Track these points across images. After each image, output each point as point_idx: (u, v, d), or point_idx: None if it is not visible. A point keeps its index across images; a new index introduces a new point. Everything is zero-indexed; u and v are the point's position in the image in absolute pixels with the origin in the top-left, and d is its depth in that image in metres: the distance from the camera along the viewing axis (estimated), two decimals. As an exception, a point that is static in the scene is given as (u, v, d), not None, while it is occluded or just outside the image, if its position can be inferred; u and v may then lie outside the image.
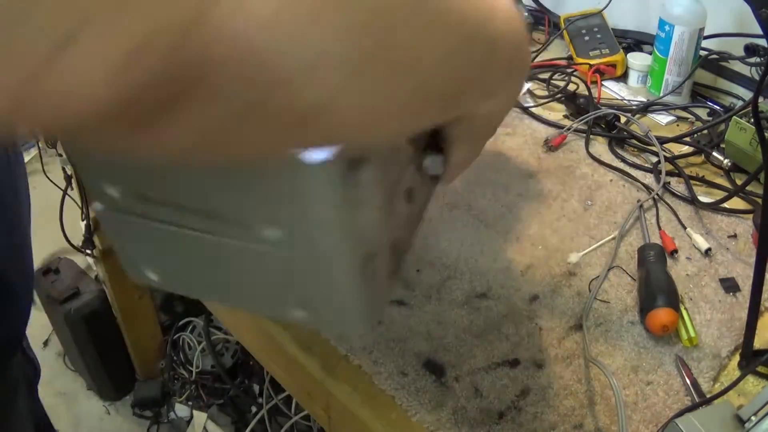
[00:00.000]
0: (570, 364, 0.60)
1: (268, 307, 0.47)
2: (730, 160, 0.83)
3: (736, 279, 0.68)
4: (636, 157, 0.88)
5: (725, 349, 0.60)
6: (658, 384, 0.58)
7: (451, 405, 0.56)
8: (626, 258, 0.71)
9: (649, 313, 0.61)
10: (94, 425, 1.62)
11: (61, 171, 1.24)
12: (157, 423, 1.59)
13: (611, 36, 1.08)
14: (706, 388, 0.57)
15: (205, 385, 1.55)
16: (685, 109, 0.97)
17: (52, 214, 1.26)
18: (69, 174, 1.23)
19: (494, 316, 0.64)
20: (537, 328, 0.63)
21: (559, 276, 0.69)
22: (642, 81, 1.04)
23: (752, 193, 0.79)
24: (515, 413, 0.55)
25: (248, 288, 0.44)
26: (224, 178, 0.37)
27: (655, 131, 0.89)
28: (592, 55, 1.05)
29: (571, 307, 0.65)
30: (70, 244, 1.28)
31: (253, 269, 0.42)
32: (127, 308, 1.52)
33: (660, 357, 0.60)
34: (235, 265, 0.42)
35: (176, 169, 0.37)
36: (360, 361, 0.60)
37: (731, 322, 0.63)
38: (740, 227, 0.74)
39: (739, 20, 0.96)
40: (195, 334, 1.62)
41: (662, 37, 0.96)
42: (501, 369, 0.59)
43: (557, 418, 0.55)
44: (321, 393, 0.64)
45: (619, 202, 0.79)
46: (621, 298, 0.66)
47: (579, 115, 0.93)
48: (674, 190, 0.80)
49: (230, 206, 0.38)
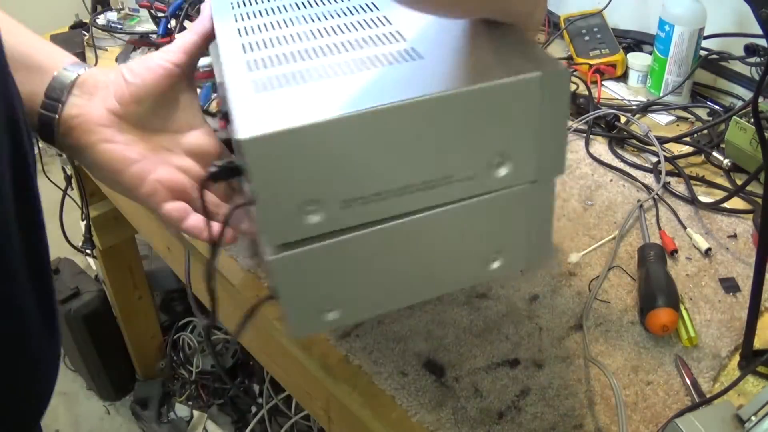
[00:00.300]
0: (570, 364, 0.60)
1: (466, 276, 0.48)
2: (730, 160, 0.83)
3: (736, 279, 0.68)
4: (636, 157, 0.88)
5: (725, 349, 0.60)
6: (658, 384, 0.58)
7: (451, 405, 0.56)
8: (626, 258, 0.71)
9: (649, 313, 0.61)
10: (94, 425, 1.63)
11: (61, 171, 1.24)
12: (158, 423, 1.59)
13: (611, 36, 1.08)
14: (706, 388, 0.57)
15: (205, 385, 1.55)
16: (685, 109, 0.97)
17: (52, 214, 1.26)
18: (69, 174, 1.23)
19: (494, 316, 0.64)
20: (537, 328, 0.63)
21: (559, 276, 0.69)
22: (642, 81, 1.04)
23: (752, 193, 0.79)
24: (515, 413, 0.55)
25: (444, 265, 0.46)
26: (449, 138, 0.41)
27: (655, 131, 0.89)
28: (592, 55, 1.05)
29: (571, 307, 0.65)
30: (70, 244, 1.28)
31: (455, 237, 0.45)
32: (127, 308, 1.52)
33: (660, 357, 0.60)
34: (436, 244, 0.45)
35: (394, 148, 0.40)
36: (360, 361, 0.60)
37: (731, 322, 0.63)
38: (740, 227, 0.74)
39: (739, 20, 0.96)
40: (195, 334, 1.62)
41: (662, 37, 0.96)
42: (501, 369, 0.59)
43: (557, 418, 0.55)
44: (321, 393, 0.64)
45: (619, 202, 0.79)
46: (621, 298, 0.66)
47: (579, 115, 0.93)
48: (674, 190, 0.80)
49: (457, 164, 0.42)
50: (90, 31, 1.16)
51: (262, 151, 0.38)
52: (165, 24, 1.10)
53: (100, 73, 0.52)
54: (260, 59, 0.46)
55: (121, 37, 1.16)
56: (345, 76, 0.42)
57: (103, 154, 0.51)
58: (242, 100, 0.41)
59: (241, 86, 0.42)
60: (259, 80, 0.43)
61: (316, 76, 0.43)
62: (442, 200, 0.43)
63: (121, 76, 0.51)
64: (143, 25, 1.18)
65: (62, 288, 1.45)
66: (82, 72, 0.51)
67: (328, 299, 0.44)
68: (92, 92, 0.51)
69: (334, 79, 0.42)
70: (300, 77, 0.43)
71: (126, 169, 0.51)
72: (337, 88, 0.41)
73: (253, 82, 0.43)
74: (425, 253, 0.45)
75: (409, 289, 0.47)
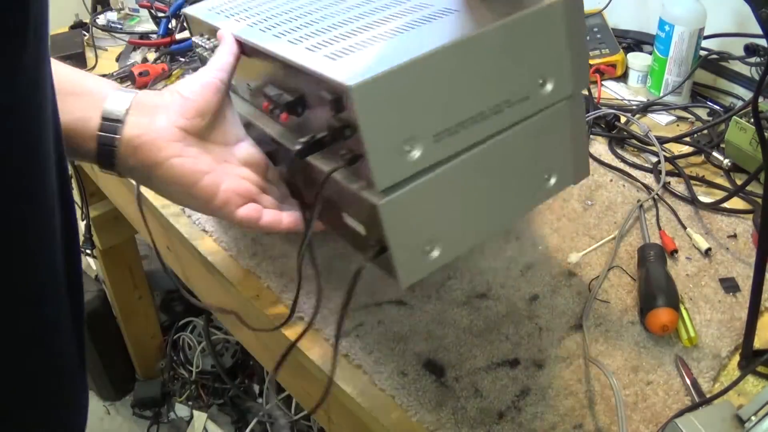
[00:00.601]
0: (570, 364, 0.60)
1: (531, 196, 0.56)
2: (730, 160, 0.83)
3: (736, 279, 0.68)
4: (636, 157, 0.88)
5: (725, 349, 0.60)
6: (658, 384, 0.58)
7: (451, 405, 0.56)
8: (626, 258, 0.71)
9: (649, 313, 0.61)
10: (94, 425, 1.62)
11: (61, 171, 1.24)
12: (157, 423, 1.59)
13: (611, 36, 1.08)
14: (706, 388, 0.57)
15: (205, 385, 1.55)
16: (685, 109, 0.97)
17: (52, 214, 1.25)
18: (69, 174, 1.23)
19: (494, 316, 0.64)
20: (537, 328, 0.63)
21: (559, 276, 0.69)
22: (642, 81, 1.04)
23: (752, 193, 0.79)
24: (515, 413, 0.55)
25: (515, 188, 0.54)
26: (502, 70, 0.50)
27: (655, 131, 0.89)
28: (592, 55, 1.05)
29: (571, 307, 0.65)
30: (70, 244, 1.27)
31: (520, 157, 0.53)
32: (127, 308, 1.52)
33: (660, 357, 0.60)
34: (507, 166, 0.53)
35: (461, 86, 0.48)
36: (360, 361, 0.60)
37: (731, 322, 0.63)
38: (740, 227, 0.74)
39: (739, 20, 0.96)
40: (195, 334, 1.62)
41: (662, 37, 0.96)
42: (501, 369, 0.59)
43: (557, 418, 0.55)
44: (321, 393, 0.64)
45: (619, 202, 0.79)
46: (621, 298, 0.66)
47: (579, 115, 0.93)
48: (674, 190, 0.80)
49: (513, 87, 0.51)
50: (90, 31, 1.16)
51: (368, 95, 0.44)
52: (166, 24, 1.10)
53: (154, 94, 0.55)
54: (314, 45, 0.53)
55: (121, 37, 1.16)
56: (404, 33, 0.50)
57: (176, 169, 0.53)
58: (329, 67, 0.47)
59: (318, 62, 0.49)
60: (330, 54, 0.49)
61: (380, 41, 0.50)
62: (508, 123, 0.52)
63: (178, 94, 0.54)
64: (143, 25, 1.18)
65: (62, 288, 1.45)
66: (135, 94, 0.54)
67: (429, 237, 0.50)
68: (152, 111, 0.53)
69: (395, 38, 0.50)
70: (364, 45, 0.50)
71: (199, 182, 0.54)
72: (403, 42, 0.49)
73: (325, 57, 0.49)
74: (500, 177, 0.53)
75: (490, 219, 0.54)
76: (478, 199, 0.52)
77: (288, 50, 0.53)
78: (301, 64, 0.50)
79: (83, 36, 1.15)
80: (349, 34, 0.53)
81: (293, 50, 0.53)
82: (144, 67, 1.01)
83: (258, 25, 0.62)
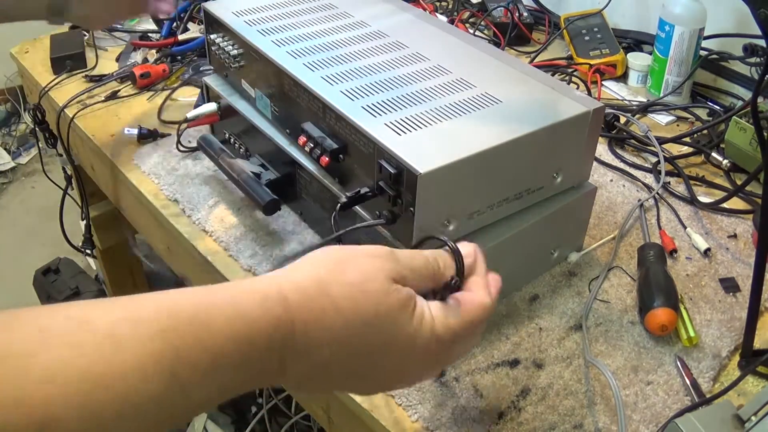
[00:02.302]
0: (570, 364, 0.60)
1: (537, 269, 0.68)
2: (729, 160, 0.83)
3: (736, 279, 0.68)
4: (636, 157, 0.88)
5: (725, 349, 0.60)
6: (658, 384, 0.58)
7: (451, 405, 0.56)
8: (626, 258, 0.71)
9: (648, 313, 0.61)
10: (94, 425, 1.62)
11: (62, 171, 1.24)
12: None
13: (611, 36, 1.08)
14: (706, 388, 0.57)
15: (205, 385, 1.55)
16: (685, 109, 0.97)
17: (52, 214, 1.26)
18: (69, 174, 1.23)
19: (494, 316, 0.64)
20: (537, 328, 0.63)
21: (559, 276, 0.69)
22: (642, 81, 1.04)
23: (752, 193, 0.79)
24: (515, 413, 0.55)
25: (526, 264, 0.66)
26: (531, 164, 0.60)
27: (655, 131, 0.89)
28: (592, 55, 1.05)
29: (571, 307, 0.65)
30: (70, 244, 1.28)
31: (537, 241, 0.65)
32: (127, 308, 1.51)
33: (660, 357, 0.60)
34: (524, 247, 0.63)
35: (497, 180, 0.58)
36: (360, 361, 0.60)
37: (731, 322, 0.63)
38: (740, 227, 0.74)
39: (739, 20, 0.96)
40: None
41: (662, 37, 0.96)
42: (501, 369, 0.59)
43: (557, 418, 0.55)
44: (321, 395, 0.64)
45: (619, 202, 0.79)
46: (621, 298, 0.66)
47: (579, 115, 0.93)
48: (674, 190, 0.80)
49: (535, 178, 0.61)
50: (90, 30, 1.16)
51: (431, 182, 0.52)
52: (169, 25, 1.10)
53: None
54: (371, 105, 0.59)
55: (122, 37, 1.16)
56: (456, 119, 0.58)
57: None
58: (399, 145, 0.54)
59: (379, 130, 0.56)
60: (391, 124, 0.57)
61: (433, 121, 0.57)
62: (525, 205, 0.62)
63: None
64: (143, 24, 1.18)
65: (62, 288, 1.45)
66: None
67: None
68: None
69: (449, 123, 0.57)
70: (419, 121, 0.57)
71: None
72: (458, 130, 0.56)
73: (385, 125, 0.57)
74: (514, 257, 0.63)
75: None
76: (500, 273, 0.55)
77: (347, 107, 0.59)
78: (369, 132, 0.56)
79: (83, 36, 1.15)
80: (403, 102, 0.60)
81: (352, 108, 0.59)
82: (145, 68, 1.01)
83: (302, 58, 0.67)
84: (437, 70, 0.66)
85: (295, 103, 0.66)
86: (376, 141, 0.55)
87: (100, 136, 0.92)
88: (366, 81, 0.63)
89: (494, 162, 0.56)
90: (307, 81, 0.63)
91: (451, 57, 0.68)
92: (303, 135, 0.64)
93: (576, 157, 0.63)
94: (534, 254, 0.66)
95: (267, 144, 0.73)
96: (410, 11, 0.79)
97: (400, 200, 0.55)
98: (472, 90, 0.62)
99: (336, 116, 0.60)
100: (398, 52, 0.69)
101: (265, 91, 0.72)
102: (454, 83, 0.63)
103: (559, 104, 0.61)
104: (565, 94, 0.63)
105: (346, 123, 0.59)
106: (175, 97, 1.00)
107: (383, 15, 0.76)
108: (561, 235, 0.67)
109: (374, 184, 0.57)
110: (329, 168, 0.63)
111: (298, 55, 0.67)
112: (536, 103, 0.61)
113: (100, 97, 0.99)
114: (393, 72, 0.65)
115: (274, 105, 0.71)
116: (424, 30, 0.74)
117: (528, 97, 0.62)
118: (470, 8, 1.23)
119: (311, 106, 0.64)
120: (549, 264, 0.69)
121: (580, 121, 0.60)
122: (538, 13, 1.22)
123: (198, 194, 0.80)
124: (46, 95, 1.02)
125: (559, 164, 0.62)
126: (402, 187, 0.54)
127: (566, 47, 1.11)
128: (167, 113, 0.96)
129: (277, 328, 0.35)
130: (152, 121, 0.94)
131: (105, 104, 0.98)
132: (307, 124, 0.64)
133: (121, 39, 1.16)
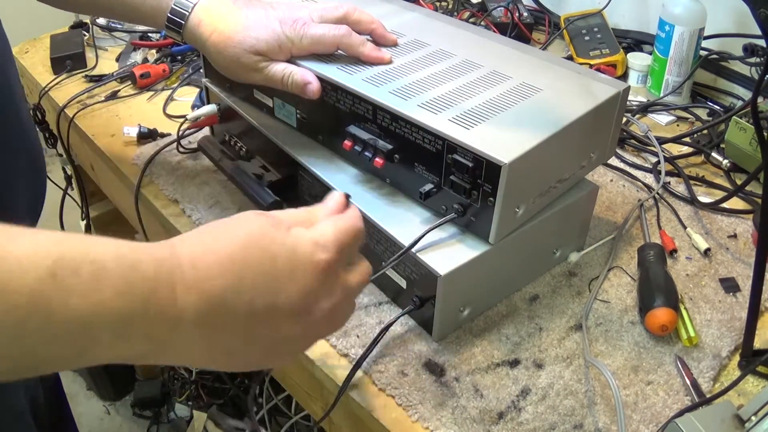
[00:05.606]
0: (570, 364, 0.60)
1: (541, 267, 0.69)
2: (729, 160, 0.83)
3: (736, 279, 0.68)
4: (636, 157, 0.88)
5: (725, 349, 0.60)
6: (658, 384, 0.58)
7: (451, 405, 0.56)
8: (626, 258, 0.71)
9: (648, 313, 0.61)
10: (94, 425, 1.63)
11: (61, 171, 1.24)
12: (157, 423, 1.59)
13: (611, 36, 1.08)
14: (706, 388, 0.57)
15: (205, 385, 1.55)
16: (685, 109, 0.97)
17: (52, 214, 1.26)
18: (69, 174, 1.23)
19: (494, 316, 0.64)
20: (537, 328, 0.63)
21: (559, 276, 0.69)
22: (642, 81, 1.04)
23: (752, 193, 0.79)
24: (515, 413, 0.55)
25: (532, 262, 0.67)
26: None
27: (655, 131, 0.89)
28: (592, 55, 1.05)
29: (571, 307, 0.65)
30: (70, 244, 1.27)
31: (544, 239, 0.66)
32: (127, 308, 1.51)
33: (660, 357, 0.60)
34: (534, 245, 0.65)
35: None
36: (360, 361, 0.60)
37: (731, 322, 0.63)
38: (740, 227, 0.74)
39: (739, 20, 0.96)
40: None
41: (662, 37, 0.96)
42: (501, 369, 0.59)
43: (557, 418, 0.55)
44: (321, 393, 0.64)
45: (619, 202, 0.79)
46: (621, 298, 0.66)
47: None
48: (674, 190, 0.80)
49: (580, 158, 0.64)
50: (90, 30, 1.16)
51: (513, 170, 0.53)
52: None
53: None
54: (425, 102, 0.60)
55: (122, 37, 1.16)
56: (507, 110, 0.59)
57: None
58: (476, 140, 0.55)
59: (446, 126, 0.56)
60: (453, 119, 0.57)
61: (488, 113, 0.58)
62: (565, 189, 0.65)
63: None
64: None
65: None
66: None
67: (465, 301, 0.61)
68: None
69: (503, 114, 0.58)
70: (478, 115, 0.58)
71: None
72: (515, 120, 0.58)
73: (449, 121, 0.57)
74: (525, 254, 0.64)
75: (511, 285, 0.67)
76: (506, 271, 0.63)
77: (404, 107, 0.59)
78: (437, 129, 0.56)
79: (83, 36, 1.15)
80: (452, 99, 0.60)
81: (409, 107, 0.59)
82: (145, 68, 1.01)
83: (332, 63, 0.65)
84: (469, 64, 0.66)
85: (332, 108, 0.65)
86: (447, 137, 0.56)
87: (100, 136, 0.92)
88: (406, 81, 0.63)
89: (557, 146, 0.58)
90: (350, 84, 0.62)
91: (474, 51, 0.68)
92: (348, 139, 0.63)
93: (606, 136, 0.66)
94: (538, 253, 0.66)
95: (268, 145, 0.72)
96: (416, 10, 0.78)
97: (476, 192, 0.56)
98: (511, 81, 0.63)
99: (392, 116, 0.59)
100: (422, 50, 0.69)
101: (289, 100, 0.70)
102: (491, 76, 0.64)
103: (592, 87, 0.63)
104: (593, 77, 0.65)
105: (405, 122, 0.58)
106: (175, 97, 1.00)
107: (391, 14, 0.76)
108: (564, 235, 0.68)
109: (440, 180, 0.58)
110: (383, 169, 0.62)
111: (327, 61, 0.65)
112: (575, 88, 0.63)
113: (100, 97, 0.99)
114: (427, 70, 0.65)
115: (301, 112, 0.70)
116: (436, 27, 0.74)
117: (563, 83, 0.64)
118: (470, 8, 1.23)
119: (357, 109, 0.62)
120: (551, 263, 0.69)
121: (613, 102, 0.63)
122: (538, 13, 1.22)
123: (198, 194, 0.80)
124: (46, 95, 1.02)
125: (595, 144, 0.64)
126: (480, 180, 0.55)
127: (566, 47, 1.11)
128: (168, 113, 0.96)
129: (164, 261, 0.37)
130: (152, 121, 0.94)
131: (105, 104, 0.98)
132: (352, 128, 0.63)
133: (121, 39, 1.16)
